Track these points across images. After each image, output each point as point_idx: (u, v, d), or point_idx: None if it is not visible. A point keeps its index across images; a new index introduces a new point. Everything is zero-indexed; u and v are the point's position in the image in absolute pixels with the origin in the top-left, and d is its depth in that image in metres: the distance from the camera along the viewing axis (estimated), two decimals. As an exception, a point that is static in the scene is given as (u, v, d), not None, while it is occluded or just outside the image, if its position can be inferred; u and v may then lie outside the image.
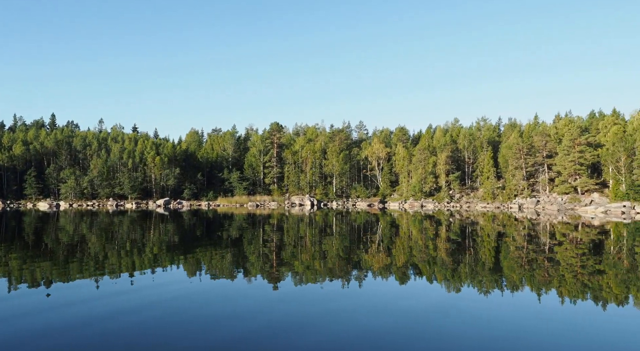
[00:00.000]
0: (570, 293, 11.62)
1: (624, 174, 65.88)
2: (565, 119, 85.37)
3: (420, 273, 14.43)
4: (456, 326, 8.72)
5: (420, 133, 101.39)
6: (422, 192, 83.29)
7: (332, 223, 37.99)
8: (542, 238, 26.23)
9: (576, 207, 66.41)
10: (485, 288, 12.26)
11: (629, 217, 48.60)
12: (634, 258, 17.98)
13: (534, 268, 15.42)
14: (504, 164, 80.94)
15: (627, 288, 12.36)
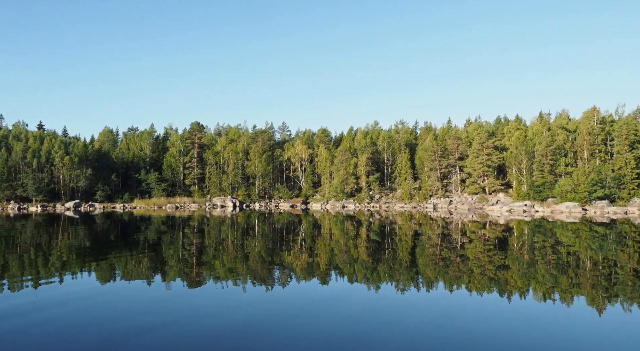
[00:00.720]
0: (479, 288, 12.42)
1: (525, 175, 71.65)
2: (474, 124, 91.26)
3: (342, 273, 14.73)
4: (376, 325, 9.00)
5: (342, 135, 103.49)
6: (343, 193, 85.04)
7: (255, 225, 37.69)
8: (454, 236, 27.80)
9: (484, 206, 71.19)
10: (402, 285, 12.78)
11: (529, 215, 52.90)
12: (533, 253, 19.59)
13: (448, 265, 16.32)
14: (420, 166, 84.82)
15: (528, 281, 13.44)
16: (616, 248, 21.71)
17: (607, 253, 19.52)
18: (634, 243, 24.22)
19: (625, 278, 13.83)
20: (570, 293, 11.76)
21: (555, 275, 14.40)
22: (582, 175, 65.02)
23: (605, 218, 45.93)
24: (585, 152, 70.60)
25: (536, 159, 71.48)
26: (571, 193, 63.50)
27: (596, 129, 70.71)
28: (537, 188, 68.40)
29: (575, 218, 46.97)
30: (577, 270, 15.42)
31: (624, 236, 28.08)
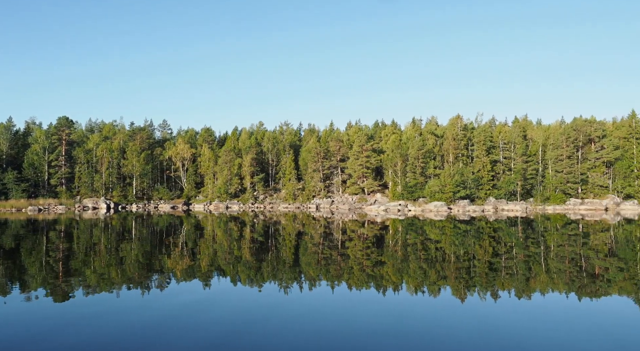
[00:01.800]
0: (358, 284, 13.08)
1: (400, 177, 76.92)
2: (355, 127, 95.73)
3: (224, 274, 14.52)
4: (258, 323, 9.05)
5: (227, 135, 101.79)
6: (227, 194, 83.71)
7: (132, 228, 35.51)
8: (335, 235, 28.89)
9: (363, 206, 74.99)
10: (285, 284, 12.98)
11: (403, 214, 56.88)
12: (406, 250, 21.12)
13: (329, 263, 16.92)
14: (304, 167, 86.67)
15: (401, 276, 14.47)
16: (474, 242, 24.27)
17: (467, 248, 21.73)
18: (488, 238, 27.26)
19: (481, 270, 15.53)
20: (437, 285, 12.89)
21: (424, 269, 15.69)
22: (448, 176, 71.49)
23: (466, 216, 51.02)
24: (451, 155, 77.72)
25: (409, 162, 76.98)
26: (439, 194, 69.50)
27: (459, 135, 78.21)
28: (410, 188, 73.71)
29: (442, 216, 51.51)
30: (443, 263, 16.94)
31: (481, 232, 31.48)
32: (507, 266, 16.28)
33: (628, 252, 20.62)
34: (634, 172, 70.06)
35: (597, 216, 50.39)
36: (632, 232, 31.38)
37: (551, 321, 9.26)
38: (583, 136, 72.84)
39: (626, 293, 11.90)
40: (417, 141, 79.78)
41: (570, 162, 71.89)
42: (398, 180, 77.33)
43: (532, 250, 21.00)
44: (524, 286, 12.62)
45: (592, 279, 13.78)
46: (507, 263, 17.03)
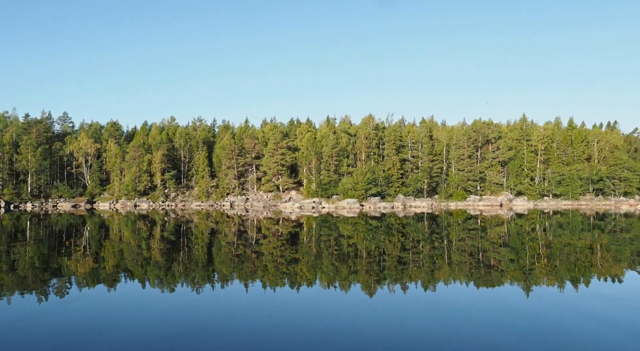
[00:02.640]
0: (272, 281, 13.11)
1: (314, 174, 78.03)
2: (270, 125, 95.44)
3: (131, 276, 13.86)
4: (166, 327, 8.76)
5: (135, 130, 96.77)
6: (135, 191, 79.70)
7: (26, 228, 32.63)
8: (250, 233, 28.66)
9: (278, 203, 75.10)
10: (199, 284, 12.67)
11: (317, 211, 57.77)
12: (320, 246, 21.49)
13: (243, 261, 16.76)
14: (218, 164, 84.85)
15: (315, 272, 14.71)
16: (384, 238, 25.30)
17: (378, 243, 22.60)
18: (397, 233, 28.55)
19: (390, 263, 16.24)
20: (349, 280, 13.28)
21: (336, 265, 16.08)
22: (360, 174, 73.72)
23: (377, 213, 52.98)
24: (363, 154, 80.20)
25: (324, 160, 78.30)
26: (352, 191, 71.49)
27: (371, 134, 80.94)
28: (324, 186, 75.02)
29: (355, 213, 53.04)
30: (355, 259, 17.48)
31: (391, 227, 32.87)
32: (415, 260, 17.16)
33: (518, 244, 22.62)
34: (524, 171, 76.94)
35: (493, 211, 54.68)
36: (522, 226, 34.46)
37: (453, 310, 9.92)
38: (482, 137, 78.57)
39: (516, 282, 13.06)
40: (331, 139, 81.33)
41: (471, 161, 77.28)
42: (312, 177, 78.36)
43: (436, 244, 22.32)
44: (429, 278, 13.38)
45: (489, 270, 14.95)
46: (415, 257, 17.95)
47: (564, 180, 75.22)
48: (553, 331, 8.40)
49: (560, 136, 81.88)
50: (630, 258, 17.99)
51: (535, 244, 22.33)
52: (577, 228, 31.51)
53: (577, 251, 19.94)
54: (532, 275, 14.01)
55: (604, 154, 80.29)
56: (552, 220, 39.72)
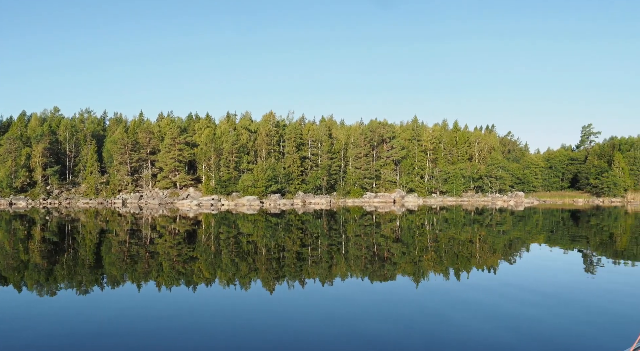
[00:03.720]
0: (168, 282, 12.63)
1: (213, 171, 76.27)
2: (167, 119, 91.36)
3: (5, 282, 12.54)
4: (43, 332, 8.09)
5: (12, 120, 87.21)
6: (11, 188, 71.94)
7: None
8: (144, 232, 27.30)
9: (175, 200, 72.28)
10: (85, 287, 11.82)
11: (216, 209, 56.58)
12: (219, 244, 21.12)
13: (136, 262, 15.93)
14: (109, 159, 79.53)
15: (214, 270, 14.44)
16: (284, 235, 25.53)
17: (277, 240, 22.75)
18: (297, 230, 28.96)
19: (290, 260, 16.45)
20: (249, 278, 13.23)
21: (237, 262, 15.92)
22: (261, 171, 73.50)
23: (277, 210, 53.24)
24: (264, 151, 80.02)
25: (223, 156, 76.83)
26: (252, 188, 71.04)
27: (272, 131, 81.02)
28: (223, 183, 73.68)
29: (255, 210, 52.80)
30: (255, 256, 17.43)
31: (290, 224, 33.25)
32: (313, 255, 17.55)
33: (409, 238, 24.11)
34: (415, 169, 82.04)
35: (387, 208, 57.61)
36: (413, 221, 36.74)
37: (348, 302, 10.33)
38: (377, 137, 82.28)
39: (407, 274, 13.92)
40: (231, 136, 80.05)
41: (367, 160, 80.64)
42: (212, 174, 76.57)
43: (334, 240, 23.01)
44: (327, 273, 13.77)
45: (382, 263, 15.76)
46: (313, 253, 18.36)
47: (449, 178, 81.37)
48: (437, 319, 9.10)
49: (447, 137, 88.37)
50: (503, 249, 20.02)
51: (424, 238, 23.94)
52: (459, 223, 34.30)
53: (459, 244, 21.73)
54: (420, 267, 15.02)
55: (483, 155, 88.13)
56: (438, 216, 42.83)
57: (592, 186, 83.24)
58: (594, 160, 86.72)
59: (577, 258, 17.97)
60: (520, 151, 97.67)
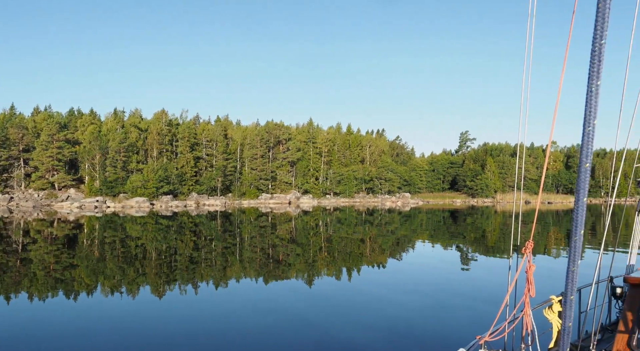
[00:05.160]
0: (40, 292, 11.55)
1: (98, 171, 71.03)
2: (44, 114, 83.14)
3: None
4: None
5: None
6: None
7: None
8: (14, 238, 24.62)
9: (53, 202, 66.07)
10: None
11: (101, 211, 52.76)
12: (103, 249, 19.74)
13: (4, 271, 14.33)
14: (-29, 156, 70.46)
15: (97, 277, 13.47)
16: (177, 237, 24.61)
17: (169, 243, 21.86)
18: (190, 232, 28.07)
19: (182, 263, 15.90)
20: (137, 284, 12.55)
21: (123, 267, 15.02)
22: (151, 172, 69.96)
23: (169, 212, 51.10)
24: (155, 150, 76.29)
25: (110, 155, 71.95)
26: (141, 189, 67.36)
27: (164, 130, 77.59)
28: (110, 184, 68.98)
29: (144, 212, 50.15)
30: (144, 260, 16.58)
31: (183, 226, 32.13)
32: (207, 258, 17.14)
33: (304, 238, 24.55)
34: (310, 171, 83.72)
35: (283, 209, 58.06)
36: (308, 222, 37.46)
37: (242, 304, 10.27)
38: (274, 138, 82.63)
39: (301, 274, 14.18)
40: (119, 134, 75.21)
41: (263, 161, 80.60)
42: (96, 174, 71.26)
43: (229, 242, 22.67)
44: (221, 276, 13.54)
45: (277, 264, 15.87)
46: (207, 255, 17.93)
47: (343, 179, 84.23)
48: (330, 315, 9.40)
49: (341, 140, 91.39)
50: (391, 247, 21.22)
51: (318, 238, 24.53)
52: (352, 223, 35.66)
53: (352, 243, 22.61)
54: (315, 267, 15.38)
55: (374, 157, 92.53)
56: (332, 216, 44.12)
57: (468, 187, 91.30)
58: (470, 164, 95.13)
59: (455, 254, 19.63)
60: (408, 155, 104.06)
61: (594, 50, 1.56)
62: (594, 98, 1.59)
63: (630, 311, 3.67)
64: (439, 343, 7.46)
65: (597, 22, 1.54)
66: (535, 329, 3.17)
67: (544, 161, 5.94)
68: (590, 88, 1.60)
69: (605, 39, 1.54)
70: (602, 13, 1.52)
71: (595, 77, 1.58)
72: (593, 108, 1.60)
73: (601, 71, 1.57)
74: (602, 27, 1.53)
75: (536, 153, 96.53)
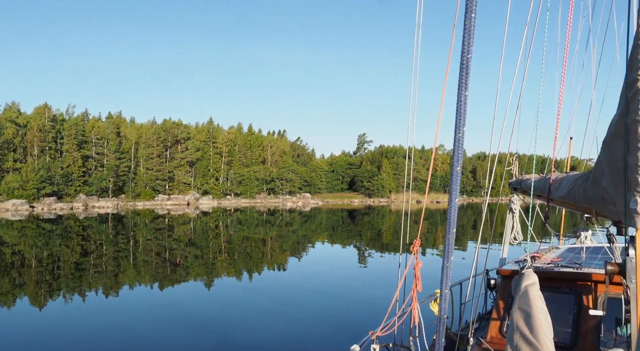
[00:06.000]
0: None
1: (-34, 170, 63.18)
2: None
3: None
4: None
5: None
6: None
7: None
8: None
9: None
10: None
11: (-31, 215, 46.92)
12: (-28, 257, 17.62)
13: None
14: None
15: (-37, 289, 11.99)
16: (61, 243, 22.66)
17: (52, 249, 20.07)
18: (77, 236, 26.01)
19: (67, 271, 14.70)
20: (13, 295, 11.39)
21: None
22: (31, 171, 63.61)
23: (53, 215, 46.90)
24: (36, 148, 69.54)
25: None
26: (19, 190, 60.98)
27: (47, 126, 71.04)
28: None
29: (22, 215, 45.53)
30: (21, 269, 15.06)
31: (69, 231, 29.69)
32: (96, 264, 16.03)
33: (203, 240, 23.94)
34: (210, 171, 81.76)
35: (181, 210, 56.03)
36: (207, 223, 36.56)
37: (137, 311, 9.76)
38: (171, 137, 79.38)
39: (200, 277, 13.82)
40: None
41: (160, 161, 77.09)
42: (-37, 173, 63.24)
43: (121, 246, 21.39)
44: (112, 283, 12.74)
45: (175, 267, 15.30)
46: (97, 261, 16.76)
47: (243, 180, 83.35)
48: (230, 319, 9.29)
49: (242, 140, 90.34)
50: (291, 247, 21.46)
51: (219, 240, 24.05)
52: (253, 224, 35.46)
53: (252, 244, 22.49)
54: (214, 269, 15.07)
55: (275, 158, 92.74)
56: (233, 217, 43.49)
57: (365, 188, 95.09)
58: (367, 165, 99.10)
59: (352, 252, 20.38)
60: (308, 156, 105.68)
61: (462, 63, 1.69)
62: (463, 107, 1.73)
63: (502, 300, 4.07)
64: (335, 340, 7.69)
65: (464, 38, 1.68)
66: (422, 321, 3.40)
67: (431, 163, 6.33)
68: (459, 98, 1.72)
69: (471, 53, 1.68)
70: (469, 30, 1.66)
71: (464, 88, 1.71)
72: (462, 116, 1.73)
73: (468, 82, 1.72)
74: (468, 43, 1.67)
75: (427, 155, 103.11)
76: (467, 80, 1.70)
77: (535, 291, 2.81)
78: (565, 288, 3.65)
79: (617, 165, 2.35)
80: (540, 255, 4.27)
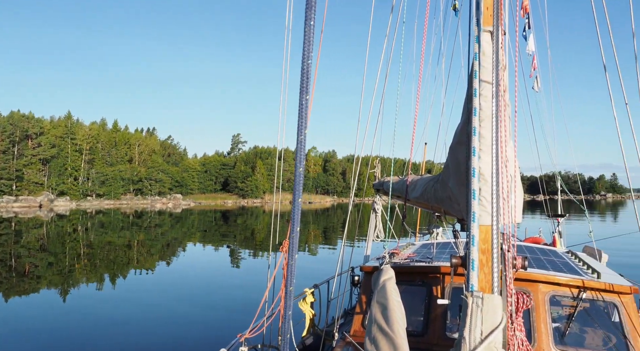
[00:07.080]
0: None
1: None
2: None
3: None
4: None
5: None
6: None
7: None
8: None
9: None
10: None
11: None
12: None
13: None
14: None
15: None
16: None
17: None
18: None
19: None
20: None
21: None
22: None
23: None
24: None
25: None
26: None
27: None
28: None
29: None
30: None
31: None
32: None
33: (59, 246, 21.73)
34: (68, 170, 74.30)
35: (32, 213, 50.15)
36: (64, 227, 33.26)
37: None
38: (21, 131, 70.63)
39: (53, 286, 12.54)
40: None
41: (6, 158, 68.11)
42: None
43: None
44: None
45: (22, 277, 13.68)
46: None
47: (107, 180, 77.20)
48: (91, 329, 8.60)
49: (106, 137, 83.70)
50: (160, 251, 20.48)
51: (77, 245, 22.04)
52: (117, 227, 33.10)
53: (117, 248, 20.99)
54: (72, 276, 13.78)
55: (144, 157, 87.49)
56: (94, 220, 40.11)
57: (239, 189, 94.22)
58: (241, 166, 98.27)
59: (225, 254, 20.09)
60: (180, 155, 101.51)
61: (303, 69, 1.74)
62: (305, 111, 1.77)
63: (364, 295, 4.33)
64: (204, 346, 7.48)
65: (304, 44, 1.73)
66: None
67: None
68: (301, 102, 1.77)
69: (311, 59, 1.75)
70: (308, 37, 1.72)
71: (305, 92, 1.76)
72: (304, 119, 1.78)
73: (310, 87, 1.76)
74: (308, 49, 1.73)
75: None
76: (308, 85, 1.75)
77: (391, 285, 3.05)
78: (418, 281, 4.00)
79: (460, 169, 2.67)
80: (398, 252, 4.63)
